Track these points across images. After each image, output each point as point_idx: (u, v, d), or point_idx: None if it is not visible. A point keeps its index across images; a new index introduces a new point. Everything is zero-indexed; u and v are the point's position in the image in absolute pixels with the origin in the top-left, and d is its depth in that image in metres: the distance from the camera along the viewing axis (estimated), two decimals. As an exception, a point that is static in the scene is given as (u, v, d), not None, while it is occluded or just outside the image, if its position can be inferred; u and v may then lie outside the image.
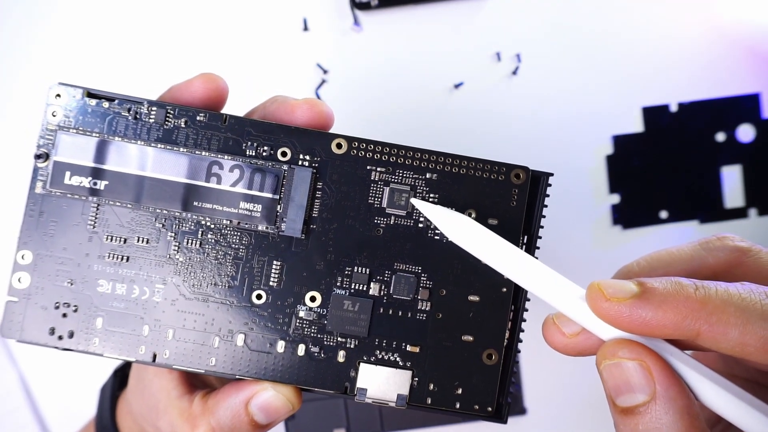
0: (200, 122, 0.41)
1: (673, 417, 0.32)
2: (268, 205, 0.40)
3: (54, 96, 0.41)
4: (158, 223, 0.41)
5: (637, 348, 0.34)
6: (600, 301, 0.34)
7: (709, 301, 0.32)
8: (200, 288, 0.41)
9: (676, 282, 0.33)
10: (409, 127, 0.68)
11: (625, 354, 0.34)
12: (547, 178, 0.41)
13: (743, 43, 0.69)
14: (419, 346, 0.41)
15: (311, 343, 0.41)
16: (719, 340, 0.32)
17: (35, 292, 0.41)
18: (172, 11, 0.69)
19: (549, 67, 0.69)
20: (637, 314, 0.33)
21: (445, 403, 0.41)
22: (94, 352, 0.41)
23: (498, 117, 0.68)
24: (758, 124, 0.69)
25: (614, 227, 0.69)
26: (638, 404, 0.33)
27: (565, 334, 0.36)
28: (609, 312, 0.34)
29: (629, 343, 0.34)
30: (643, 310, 0.33)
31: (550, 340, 0.37)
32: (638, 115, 0.69)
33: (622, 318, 0.33)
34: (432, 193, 0.41)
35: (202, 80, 0.43)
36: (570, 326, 0.36)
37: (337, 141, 0.41)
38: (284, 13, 0.68)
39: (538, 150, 0.68)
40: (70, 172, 0.40)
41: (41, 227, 0.41)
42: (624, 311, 0.33)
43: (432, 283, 0.41)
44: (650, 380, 0.33)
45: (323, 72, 0.68)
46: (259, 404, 0.41)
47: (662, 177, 0.69)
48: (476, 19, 0.68)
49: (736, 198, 0.70)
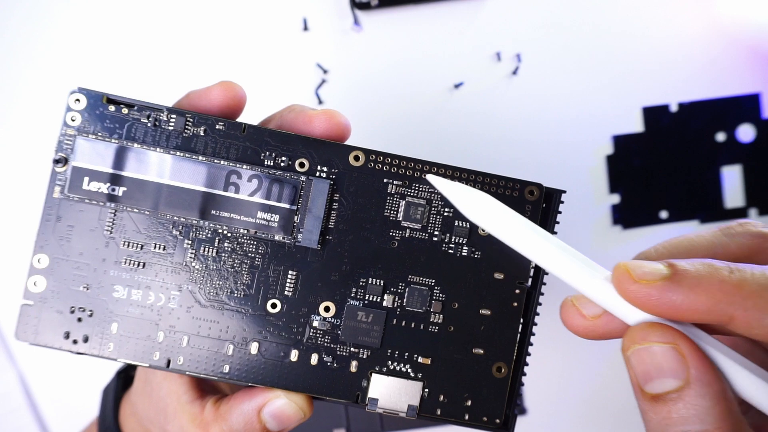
0: (219, 131, 0.41)
1: (709, 402, 0.31)
2: (285, 215, 0.41)
3: (74, 101, 0.41)
4: (175, 230, 0.41)
5: (669, 332, 0.32)
6: (628, 283, 0.32)
7: (745, 284, 0.31)
8: (215, 296, 0.41)
9: (709, 264, 0.32)
10: (410, 127, 0.68)
11: (656, 338, 0.32)
12: (559, 195, 0.42)
13: (743, 43, 0.70)
14: (431, 358, 0.41)
15: (324, 353, 0.41)
16: (753, 326, 0.31)
17: (51, 296, 0.41)
18: (172, 12, 0.68)
19: (549, 67, 0.69)
20: (668, 297, 0.31)
21: (454, 415, 0.41)
22: (109, 357, 0.41)
23: (498, 117, 0.68)
24: (758, 124, 0.70)
25: (614, 227, 0.70)
26: (670, 390, 0.31)
27: (585, 317, 0.35)
28: (637, 295, 0.32)
29: (660, 327, 0.32)
30: (674, 294, 0.31)
31: (569, 323, 0.35)
32: (638, 115, 0.70)
33: (652, 301, 0.32)
34: (447, 208, 0.41)
35: (221, 88, 0.43)
36: (590, 308, 0.35)
37: (355, 153, 0.41)
38: (284, 13, 0.68)
39: (538, 150, 0.69)
40: (88, 177, 0.41)
41: (58, 231, 0.41)
42: (653, 294, 0.32)
43: (445, 296, 0.41)
44: (684, 365, 0.31)
45: (323, 72, 0.68)
46: (271, 412, 0.41)
47: (662, 177, 0.70)
48: (476, 19, 0.68)
49: (736, 198, 0.70)
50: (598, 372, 0.70)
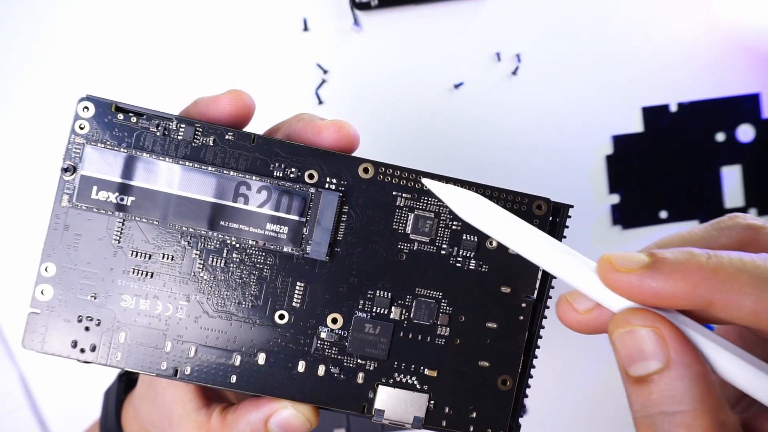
0: (228, 141, 0.41)
1: (687, 384, 0.32)
2: (294, 227, 0.41)
3: (82, 108, 0.41)
4: (184, 240, 0.41)
5: (650, 315, 0.33)
6: (610, 273, 0.33)
7: (722, 269, 0.32)
8: (223, 306, 0.41)
9: (688, 252, 0.33)
10: (410, 126, 0.68)
11: (638, 321, 0.33)
12: (567, 209, 0.42)
13: (743, 43, 0.70)
14: (437, 370, 0.42)
15: (331, 364, 0.41)
16: (732, 309, 0.32)
17: (58, 304, 0.41)
18: (172, 12, 0.68)
19: (549, 67, 0.69)
20: (648, 284, 0.32)
21: (459, 427, 0.42)
22: (117, 366, 0.41)
23: (498, 117, 0.68)
24: (758, 124, 0.70)
25: (614, 227, 0.70)
26: (651, 372, 0.32)
27: (578, 311, 0.36)
28: (619, 283, 0.33)
29: (642, 311, 0.33)
30: (654, 280, 0.32)
31: (564, 318, 0.36)
32: (638, 115, 0.70)
33: (633, 289, 0.33)
34: (456, 221, 0.41)
35: (230, 97, 0.42)
36: (583, 302, 0.36)
37: (364, 166, 0.41)
38: (284, 13, 0.68)
39: (538, 150, 0.69)
40: (97, 186, 0.40)
41: (65, 240, 0.41)
42: (634, 281, 0.33)
43: (452, 309, 0.42)
44: (664, 347, 0.32)
45: (323, 72, 0.68)
46: (278, 422, 0.42)
47: (662, 177, 0.70)
48: (476, 19, 0.68)
49: (736, 198, 0.71)
50: (598, 372, 0.70)
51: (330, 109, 0.68)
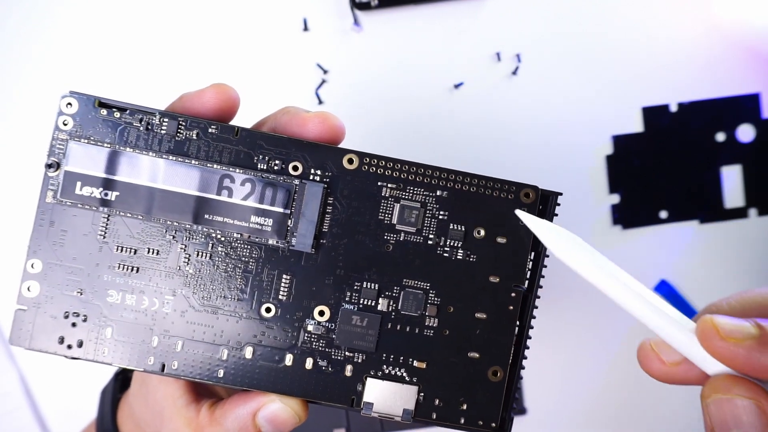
0: (212, 134, 0.41)
1: None
2: (279, 219, 0.41)
3: (65, 105, 0.41)
4: (168, 234, 0.41)
5: (753, 388, 0.33)
6: (714, 339, 0.33)
7: None
8: (210, 300, 0.41)
9: None
10: (409, 126, 0.68)
11: (740, 391, 0.33)
12: (555, 197, 0.42)
13: (743, 43, 0.69)
14: (426, 362, 0.41)
15: (319, 357, 0.41)
16: None
17: (45, 301, 0.41)
18: (172, 12, 0.68)
19: (549, 67, 0.69)
20: (756, 358, 0.32)
21: (450, 419, 0.41)
22: (103, 362, 0.41)
23: (497, 117, 0.68)
24: (758, 124, 0.70)
25: (614, 227, 0.69)
26: None
27: (665, 362, 0.36)
28: (724, 352, 0.33)
29: (745, 383, 0.33)
30: (763, 355, 0.32)
31: (648, 368, 0.36)
32: (638, 115, 0.69)
33: (737, 359, 0.32)
34: (442, 211, 0.41)
35: (214, 91, 0.42)
36: (671, 355, 0.35)
37: (349, 156, 0.41)
38: (284, 13, 0.68)
39: (538, 150, 0.68)
40: (81, 182, 0.40)
41: (51, 236, 0.41)
42: (740, 353, 0.32)
43: (440, 299, 0.41)
44: (764, 421, 0.32)
45: (323, 72, 0.68)
46: (266, 416, 0.41)
47: (662, 177, 0.69)
48: (476, 19, 0.68)
49: (736, 198, 0.70)
50: (598, 372, 0.69)
51: (330, 109, 0.67)
